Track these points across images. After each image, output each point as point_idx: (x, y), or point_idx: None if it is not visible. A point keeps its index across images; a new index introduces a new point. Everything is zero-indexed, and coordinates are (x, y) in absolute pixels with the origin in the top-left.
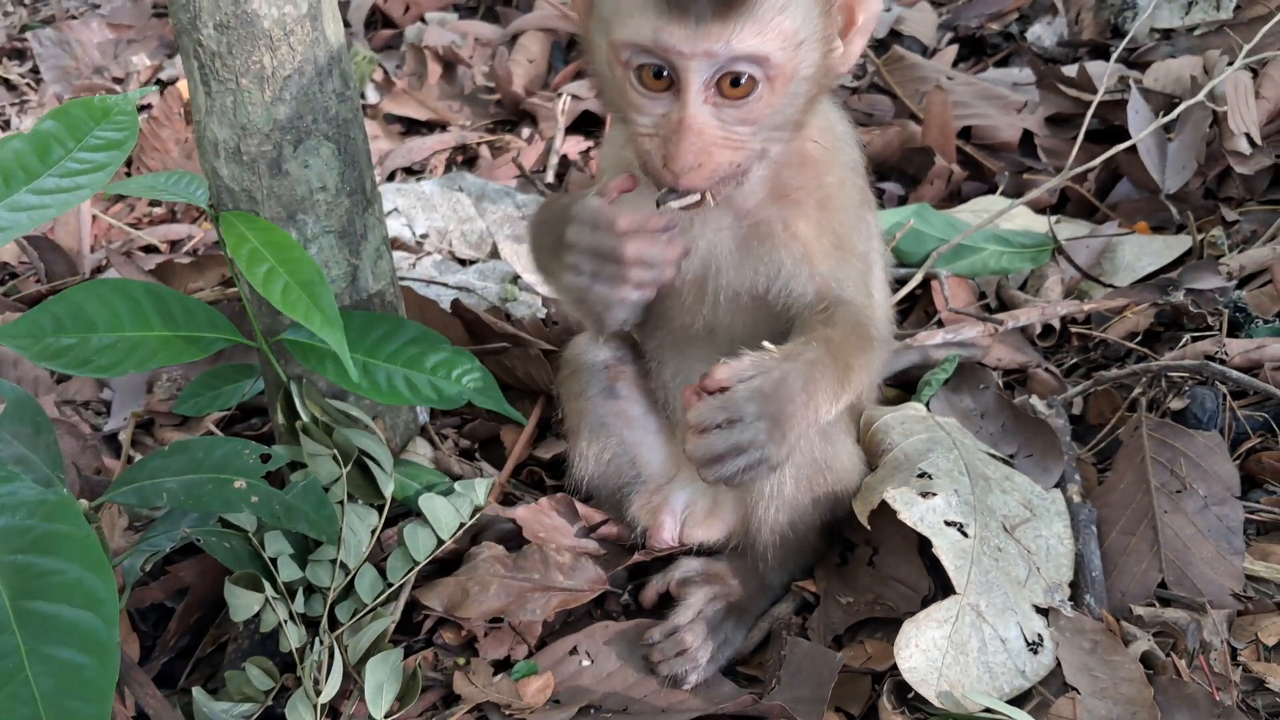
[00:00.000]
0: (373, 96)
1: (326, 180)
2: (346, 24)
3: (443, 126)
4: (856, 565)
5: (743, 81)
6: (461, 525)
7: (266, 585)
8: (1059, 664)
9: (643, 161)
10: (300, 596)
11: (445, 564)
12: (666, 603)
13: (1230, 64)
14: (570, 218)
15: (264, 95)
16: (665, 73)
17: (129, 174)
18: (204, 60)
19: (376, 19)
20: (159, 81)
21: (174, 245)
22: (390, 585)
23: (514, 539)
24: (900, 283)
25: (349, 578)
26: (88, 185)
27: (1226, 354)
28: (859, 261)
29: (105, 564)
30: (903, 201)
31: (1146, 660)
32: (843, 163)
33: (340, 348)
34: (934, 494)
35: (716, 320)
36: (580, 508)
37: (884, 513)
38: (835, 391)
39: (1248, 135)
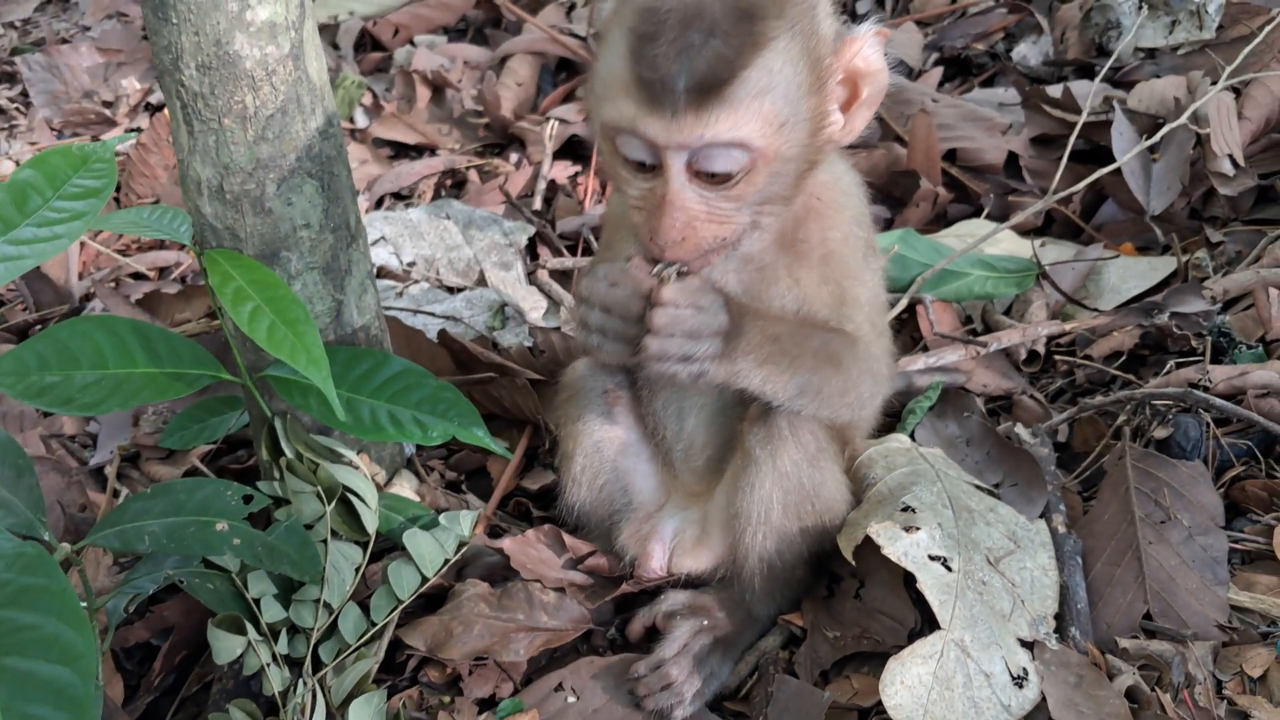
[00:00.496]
0: (361, 121)
1: (310, 217)
2: (335, 47)
3: (432, 150)
4: (843, 599)
5: (720, 171)
6: (446, 561)
7: (249, 627)
8: (1044, 698)
9: (634, 232)
10: (284, 637)
11: (431, 599)
12: (653, 636)
13: (1213, 84)
14: (592, 272)
15: (247, 134)
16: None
17: (117, 201)
18: (186, 100)
19: (366, 43)
20: (149, 105)
21: (162, 272)
22: (374, 625)
23: (501, 571)
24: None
25: (332, 617)
26: (65, 235)
27: (1210, 381)
28: (862, 309)
29: (82, 618)
30: (889, 224)
31: (1131, 694)
32: (848, 217)
33: (326, 386)
34: (917, 528)
35: None
36: (567, 539)
37: (869, 546)
38: (788, 364)
39: (1231, 156)
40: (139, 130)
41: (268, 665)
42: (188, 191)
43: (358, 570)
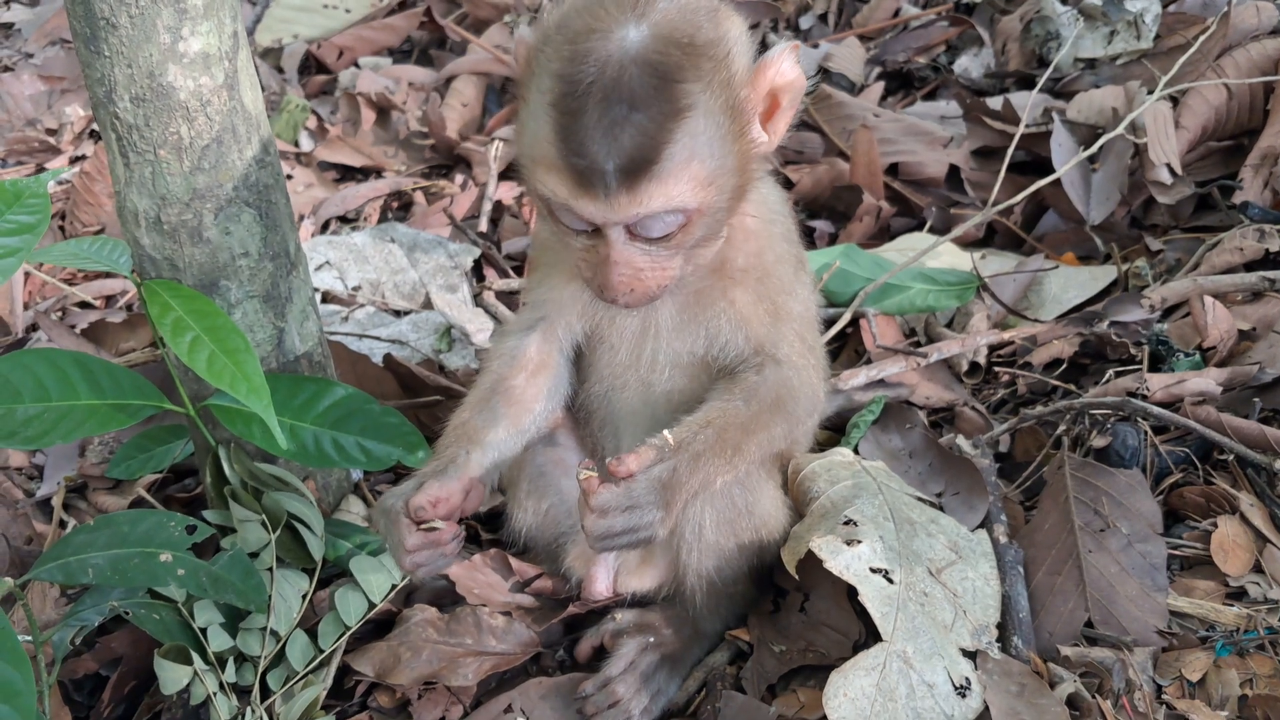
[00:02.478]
0: (306, 144)
1: (248, 246)
2: (280, 70)
3: (378, 173)
4: (789, 612)
5: (657, 231)
6: (394, 586)
7: (196, 657)
8: (987, 707)
9: (582, 278)
10: (231, 666)
11: (379, 625)
12: (602, 656)
13: (1150, 94)
14: (384, 506)
15: (183, 165)
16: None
17: (63, 230)
18: (121, 132)
19: (310, 65)
20: (93, 133)
21: (109, 301)
22: (322, 651)
23: (449, 596)
24: (829, 323)
25: (280, 645)
26: (0, 271)
27: (1148, 389)
28: (795, 323)
29: (21, 655)
30: (833, 239)
31: (1072, 702)
32: (777, 234)
33: (267, 415)
34: (859, 541)
35: (653, 377)
36: (514, 562)
37: (813, 560)
38: (723, 471)
39: (1168, 165)
40: (83, 158)
41: (214, 694)
42: (125, 223)
43: (305, 597)
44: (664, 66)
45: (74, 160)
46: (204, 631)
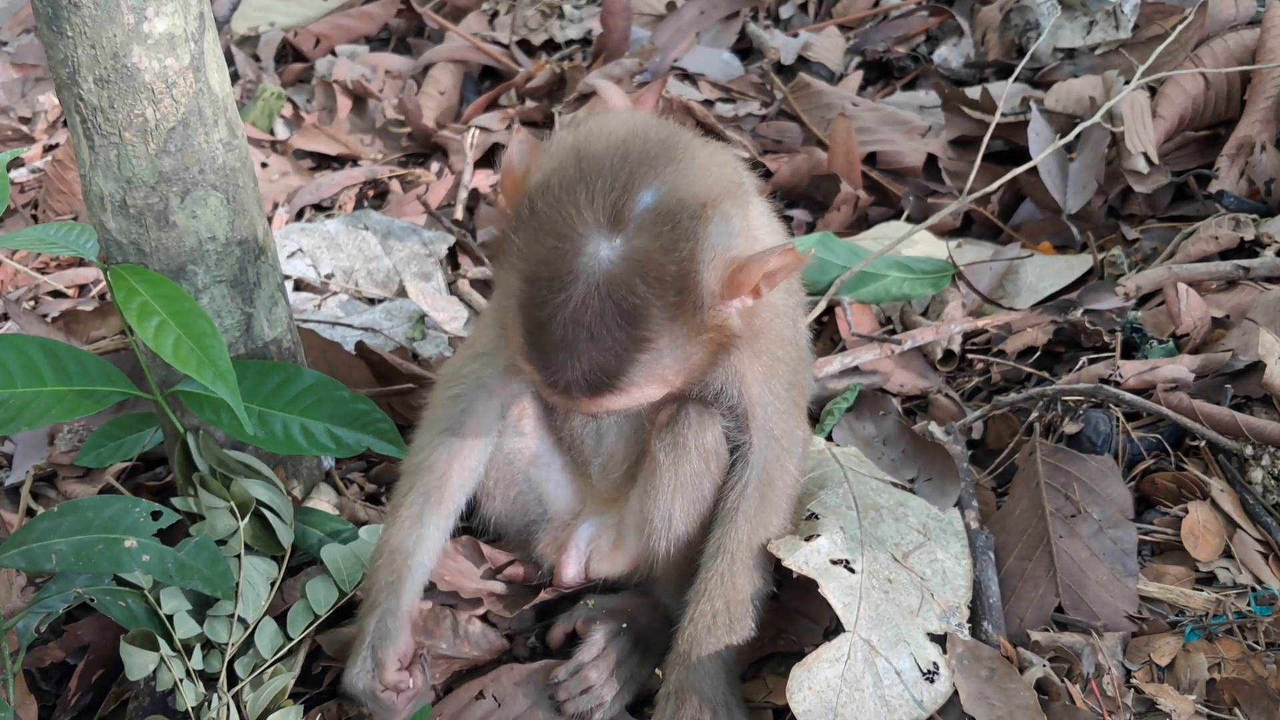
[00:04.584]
0: (282, 132)
1: (216, 230)
2: (256, 58)
3: (354, 161)
4: None
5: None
6: (364, 576)
7: (163, 643)
8: (956, 692)
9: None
10: (198, 653)
11: (352, 611)
12: (574, 642)
13: (1127, 83)
14: (352, 672)
15: (148, 148)
16: None
17: (35, 218)
18: (85, 115)
19: (287, 54)
20: (66, 122)
21: (81, 290)
22: (291, 639)
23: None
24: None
25: (248, 632)
26: None
27: (1121, 376)
28: (787, 375)
29: None
30: (811, 227)
31: (1041, 686)
32: (777, 289)
33: (234, 401)
34: (817, 535)
35: None
36: (486, 549)
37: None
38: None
39: (1145, 155)
40: (56, 146)
41: (181, 681)
42: (91, 207)
43: (273, 585)
44: (628, 304)
45: (48, 149)
46: (170, 618)
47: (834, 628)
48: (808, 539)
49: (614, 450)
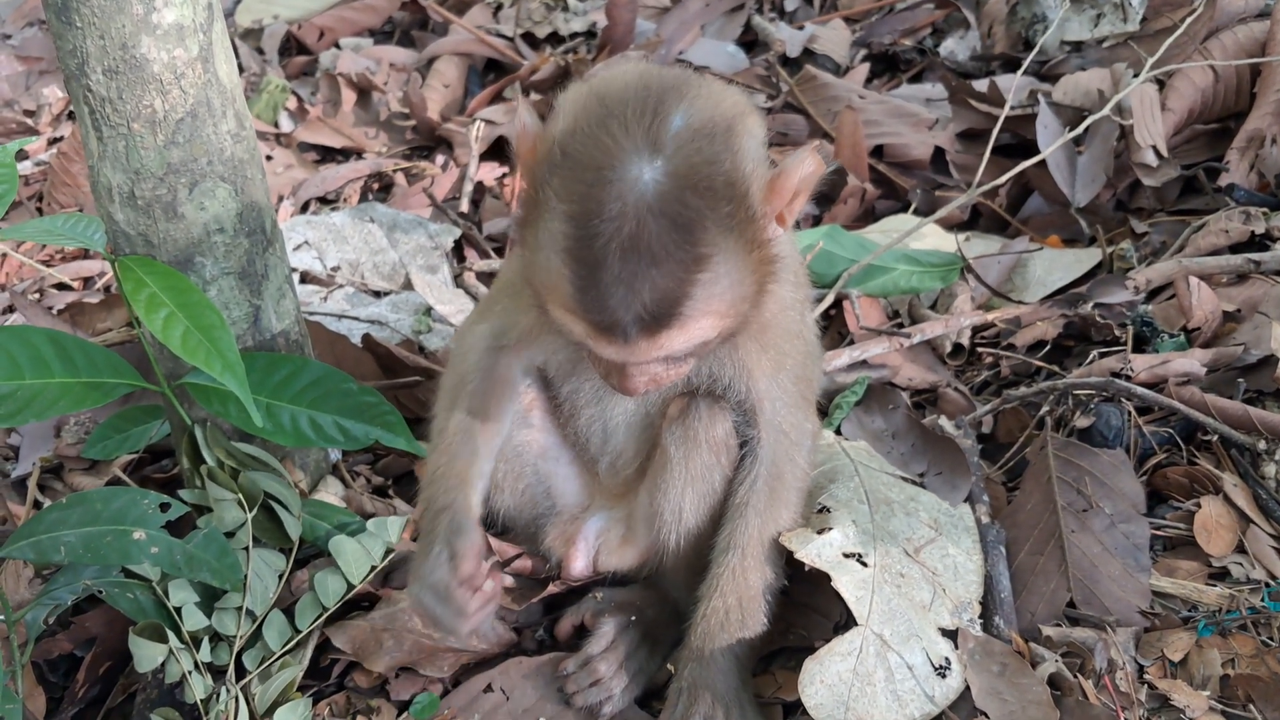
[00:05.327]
0: (286, 125)
1: (224, 222)
2: (260, 51)
3: (358, 154)
4: None
5: (676, 358)
6: (373, 567)
7: (171, 636)
8: (968, 687)
9: (596, 373)
10: (206, 645)
11: (361, 598)
12: (582, 635)
13: (1136, 76)
14: (423, 574)
15: (156, 139)
16: None
17: (40, 211)
18: (94, 105)
19: (291, 46)
20: (72, 114)
21: (86, 282)
22: (299, 632)
23: None
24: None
25: (256, 625)
26: None
27: (1132, 370)
28: (795, 368)
29: None
30: (817, 221)
31: (1054, 682)
32: (784, 283)
33: (242, 392)
34: (830, 528)
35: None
36: (494, 542)
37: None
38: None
39: (1154, 148)
40: (60, 139)
41: (189, 673)
42: (99, 198)
43: (281, 577)
44: (684, 218)
45: (52, 142)
46: (179, 610)
47: (844, 622)
48: (820, 532)
49: (623, 448)
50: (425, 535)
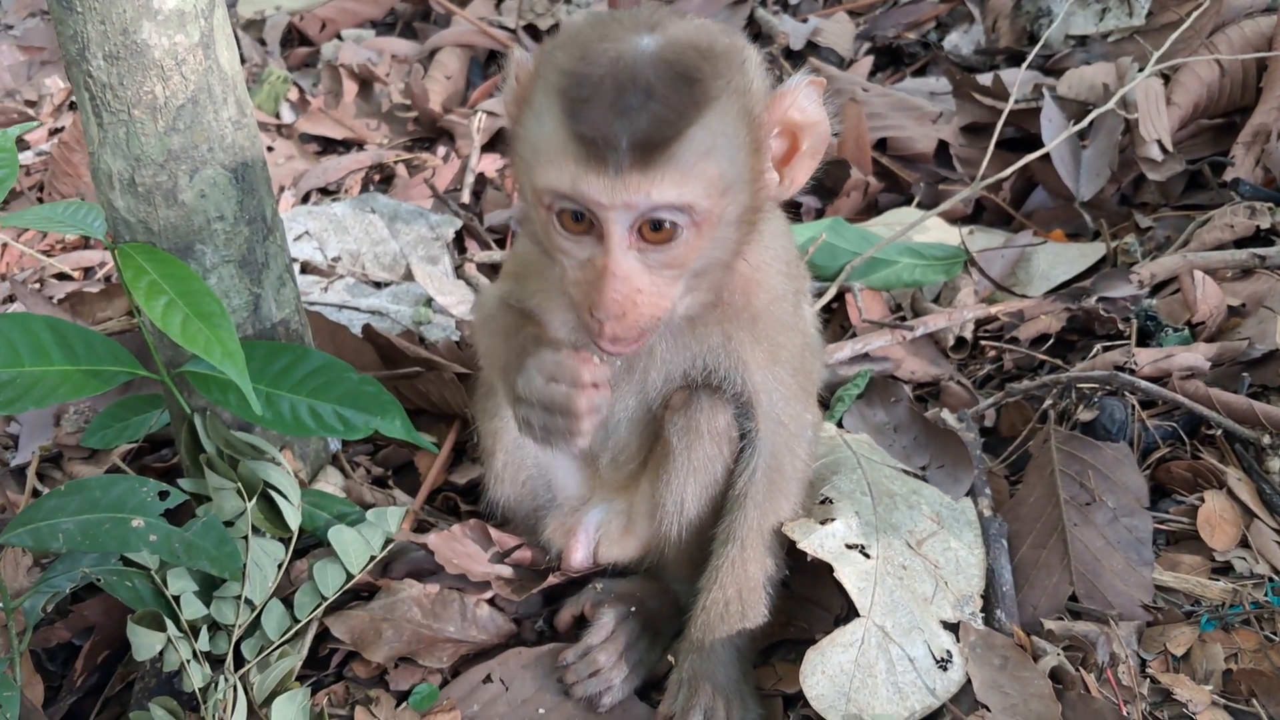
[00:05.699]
0: (288, 116)
1: (224, 209)
2: (262, 42)
3: (359, 145)
4: None
5: (665, 226)
6: (372, 558)
7: (169, 624)
8: (969, 680)
9: (570, 306)
10: (205, 634)
11: (360, 587)
12: (582, 626)
13: (1141, 70)
14: (524, 367)
15: (157, 125)
16: (587, 218)
17: (41, 200)
18: (95, 91)
19: (292, 38)
20: (73, 104)
21: (87, 272)
22: (298, 621)
23: (429, 566)
24: (815, 297)
25: (255, 614)
26: None
27: (1136, 364)
28: (791, 360)
29: None
30: (820, 214)
31: (1056, 675)
32: (775, 274)
33: (242, 381)
34: (833, 519)
35: (648, 386)
36: (494, 533)
37: (789, 539)
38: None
39: (1159, 142)
40: (61, 130)
41: (188, 662)
42: (99, 185)
43: (281, 567)
44: (682, 64)
45: (53, 132)
46: (177, 599)
47: (845, 615)
48: (823, 522)
49: (626, 443)
50: (506, 367)
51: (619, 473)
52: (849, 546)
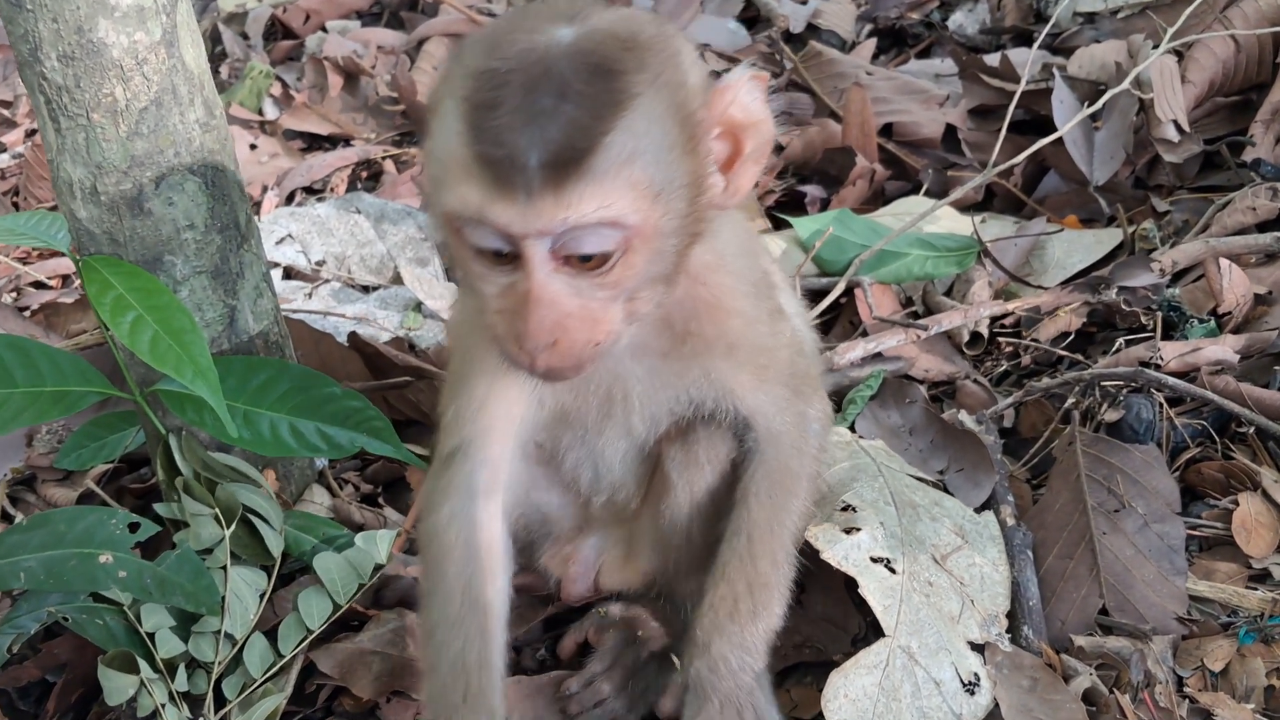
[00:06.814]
0: (271, 112)
1: (194, 217)
2: (244, 36)
3: (346, 141)
4: None
5: (594, 257)
6: (361, 586)
7: (144, 664)
8: (997, 705)
9: (495, 341)
10: (182, 672)
11: (348, 617)
12: (586, 653)
13: (1155, 48)
14: None
15: (119, 130)
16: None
17: (16, 206)
18: (50, 95)
19: (275, 31)
20: None
21: (65, 280)
22: (282, 656)
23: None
24: (822, 293)
25: (236, 649)
26: None
27: (1161, 359)
28: (781, 374)
29: None
30: (825, 204)
31: (1088, 697)
32: (741, 295)
33: (215, 401)
34: (858, 529)
35: (633, 424)
36: None
37: (809, 550)
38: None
39: (1175, 122)
40: (37, 131)
41: (163, 706)
42: (60, 194)
43: (263, 597)
44: (599, 56)
45: (29, 134)
46: (152, 637)
47: (863, 635)
48: (847, 532)
49: (621, 482)
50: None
51: (617, 510)
52: (874, 559)
